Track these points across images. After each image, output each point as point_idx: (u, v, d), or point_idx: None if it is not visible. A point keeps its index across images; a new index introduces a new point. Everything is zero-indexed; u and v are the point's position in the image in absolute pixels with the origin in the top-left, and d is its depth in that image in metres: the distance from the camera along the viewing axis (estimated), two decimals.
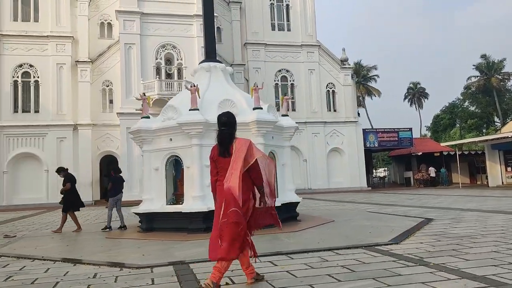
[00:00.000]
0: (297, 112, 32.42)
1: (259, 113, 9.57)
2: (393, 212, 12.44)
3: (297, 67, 32.66)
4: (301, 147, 31.92)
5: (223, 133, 4.45)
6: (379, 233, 7.96)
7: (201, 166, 9.26)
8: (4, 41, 26.81)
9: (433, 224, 9.25)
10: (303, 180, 31.71)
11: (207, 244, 4.70)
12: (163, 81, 25.14)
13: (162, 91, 24.69)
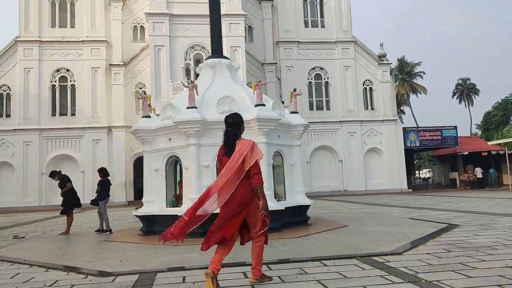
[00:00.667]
0: (331, 111, 31.38)
1: (261, 110, 8.96)
2: (421, 216, 11.42)
3: (332, 64, 31.58)
4: (336, 147, 30.82)
5: (228, 133, 4.60)
6: (386, 241, 7.14)
7: (199, 166, 8.81)
8: (43, 47, 27.83)
9: (455, 231, 8.25)
10: (339, 181, 30.61)
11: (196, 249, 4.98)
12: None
13: None
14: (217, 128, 8.93)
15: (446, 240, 7.11)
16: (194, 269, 5.60)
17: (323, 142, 30.87)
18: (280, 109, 9.88)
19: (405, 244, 6.73)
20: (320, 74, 31.70)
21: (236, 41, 26.38)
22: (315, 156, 30.71)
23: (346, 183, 30.51)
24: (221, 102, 9.05)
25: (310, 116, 30.72)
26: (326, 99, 31.68)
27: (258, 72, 30.71)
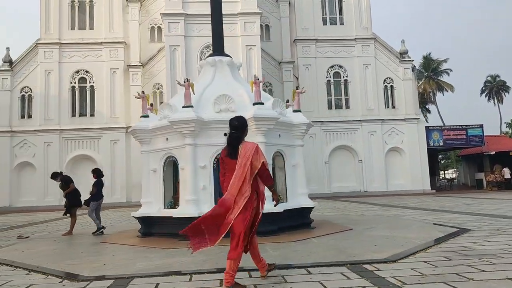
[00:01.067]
0: (351, 109, 30.70)
1: (258, 109, 8.65)
2: (435, 219, 10.87)
3: (351, 62, 30.89)
4: (355, 147, 30.13)
5: (232, 136, 4.67)
6: (385, 247, 6.71)
7: (195, 167, 8.56)
8: (63, 49, 28.32)
9: (465, 236, 7.72)
10: (358, 182, 29.91)
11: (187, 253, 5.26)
12: None
13: None
14: (214, 128, 8.72)
15: (451, 247, 6.63)
16: (171, 275, 5.34)
17: (342, 141, 30.24)
18: (281, 107, 9.54)
19: (404, 251, 6.29)
20: (339, 72, 31.08)
21: (252, 40, 26.10)
22: (334, 156, 30.12)
23: (366, 183, 29.78)
24: (217, 101, 8.79)
25: (329, 115, 30.26)
26: (345, 97, 31.02)
27: (275, 71, 30.39)
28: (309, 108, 29.94)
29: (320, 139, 29.85)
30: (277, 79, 30.37)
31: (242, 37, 25.98)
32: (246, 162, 4.43)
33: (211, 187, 8.64)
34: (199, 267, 5.77)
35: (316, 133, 29.83)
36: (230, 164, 4.56)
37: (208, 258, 6.38)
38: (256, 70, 25.90)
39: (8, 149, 27.26)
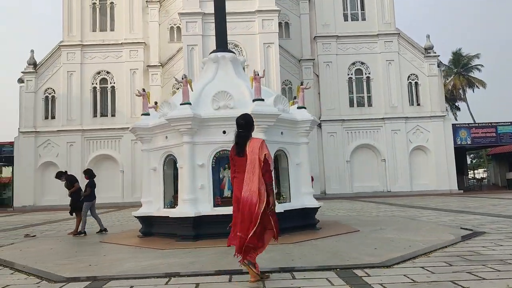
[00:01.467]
0: (373, 107, 29.93)
1: (258, 105, 8.33)
2: (452, 221, 10.31)
3: (374, 58, 30.10)
4: (378, 146, 29.33)
5: (239, 135, 4.79)
6: (385, 250, 6.29)
7: (193, 166, 8.33)
8: (85, 51, 28.83)
9: (477, 239, 7.19)
10: (381, 182, 29.11)
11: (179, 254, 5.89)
12: None
13: None
14: (212, 125, 8.48)
15: (457, 251, 6.14)
16: (151, 278, 5.11)
17: (364, 140, 29.51)
18: (284, 104, 9.20)
19: (403, 255, 5.86)
20: (361, 69, 30.33)
21: (269, 38, 25.77)
22: (355, 155, 29.44)
23: (390, 183, 28.96)
24: (216, 97, 8.53)
25: (351, 113, 29.60)
26: (368, 95, 30.26)
27: (295, 68, 29.97)
28: (330, 106, 29.47)
29: (341, 138, 29.23)
30: (297, 77, 29.91)
31: (260, 35, 25.69)
32: (255, 157, 4.58)
33: (210, 186, 8.40)
34: (183, 269, 5.52)
35: (337, 132, 29.28)
36: (240, 162, 4.72)
37: (198, 260, 6.14)
38: (274, 68, 25.59)
39: (32, 149, 27.95)
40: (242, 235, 4.54)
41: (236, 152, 4.78)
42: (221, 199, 8.63)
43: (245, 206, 4.54)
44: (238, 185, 4.71)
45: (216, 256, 6.41)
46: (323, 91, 29.73)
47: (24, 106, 28.37)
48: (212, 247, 7.24)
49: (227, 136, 8.46)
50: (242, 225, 4.55)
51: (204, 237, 8.13)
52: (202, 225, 8.22)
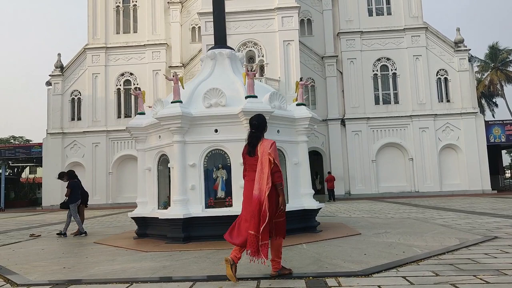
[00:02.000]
0: (400, 104, 28.84)
1: (249, 103, 8.00)
2: (468, 224, 9.67)
3: (400, 54, 29.01)
4: (405, 144, 28.24)
5: (252, 135, 4.93)
6: (374, 256, 5.82)
7: (184, 165, 8.09)
8: (109, 53, 29.34)
9: (482, 245, 6.58)
10: (409, 182, 28.00)
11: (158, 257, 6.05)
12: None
13: None
14: (204, 124, 8.23)
15: (453, 258, 5.59)
16: (110, 283, 4.88)
17: (391, 138, 28.49)
18: (280, 101, 8.81)
19: (389, 262, 5.38)
20: (386, 65, 29.32)
21: (289, 35, 25.27)
22: (382, 154, 28.48)
23: (418, 183, 27.81)
24: (207, 95, 8.25)
25: (376, 111, 28.70)
26: (394, 92, 29.20)
27: (318, 66, 29.33)
28: (354, 103, 28.67)
29: (366, 136, 28.35)
30: (320, 74, 29.28)
31: (280, 33, 25.25)
32: (265, 157, 4.70)
33: (201, 187, 8.14)
34: (149, 274, 5.27)
35: (362, 130, 28.43)
36: (250, 161, 4.86)
37: (172, 264, 5.88)
38: (294, 66, 25.10)
39: (60, 150, 28.71)
40: (254, 232, 4.60)
41: (248, 151, 4.91)
42: (214, 200, 8.37)
43: (256, 205, 4.64)
44: (248, 183, 4.84)
45: (193, 260, 6.13)
46: (347, 88, 28.95)
47: (51, 108, 29.19)
48: (198, 250, 6.98)
49: (219, 135, 8.21)
50: (253, 223, 4.62)
51: (194, 239, 7.90)
52: (192, 227, 7.97)
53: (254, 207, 4.65)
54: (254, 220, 4.62)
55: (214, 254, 6.49)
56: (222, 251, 6.70)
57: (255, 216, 4.62)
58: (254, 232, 4.59)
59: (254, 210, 4.65)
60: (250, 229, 4.62)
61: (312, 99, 29.32)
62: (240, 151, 8.09)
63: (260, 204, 4.63)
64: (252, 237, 4.59)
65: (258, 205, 4.63)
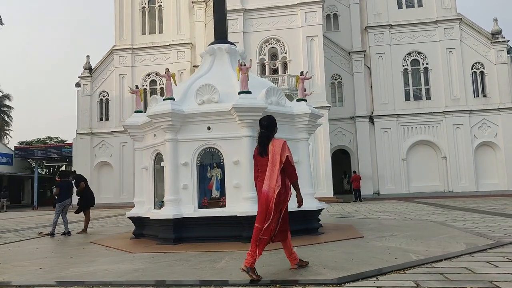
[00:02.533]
0: (432, 100, 27.55)
1: (241, 98, 7.64)
2: (488, 228, 8.90)
3: (432, 47, 27.70)
4: (438, 142, 26.95)
5: (262, 135, 4.99)
6: (360, 263, 5.34)
7: (176, 164, 7.86)
8: (135, 54, 29.76)
9: (489, 252, 5.95)
10: (442, 181, 26.71)
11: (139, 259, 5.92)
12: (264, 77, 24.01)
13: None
14: (196, 121, 7.96)
15: (447, 266, 5.02)
16: (71, 287, 4.68)
17: (422, 136, 27.28)
18: (278, 96, 8.40)
19: (372, 270, 4.90)
20: (417, 59, 28.09)
21: (313, 31, 24.62)
22: (413, 153, 27.33)
23: (451, 183, 26.48)
24: (200, 91, 7.97)
25: (406, 108, 27.58)
26: (426, 87, 27.94)
27: (345, 61, 28.51)
28: (384, 100, 27.68)
29: (396, 134, 27.28)
30: (347, 70, 28.44)
31: (303, 28, 24.67)
32: (276, 157, 4.75)
33: (194, 186, 7.87)
34: (116, 278, 5.04)
35: (391, 128, 27.38)
36: (262, 162, 4.88)
37: (147, 267, 5.64)
38: (318, 62, 24.45)
39: (89, 149, 29.41)
40: (259, 225, 4.70)
41: (259, 152, 4.94)
42: (208, 200, 8.08)
43: (263, 200, 4.72)
44: (261, 184, 4.85)
45: (172, 263, 5.88)
46: (375, 84, 27.97)
47: (81, 109, 29.95)
48: (183, 252, 6.72)
49: (212, 133, 7.91)
50: (260, 217, 4.72)
51: (186, 240, 7.64)
52: (184, 228, 7.72)
53: (262, 202, 4.74)
54: (261, 215, 4.72)
55: (197, 257, 6.20)
56: (206, 254, 6.42)
57: (262, 211, 4.71)
58: (258, 225, 4.70)
59: (261, 204, 4.74)
60: (256, 222, 4.74)
61: (339, 96, 28.56)
62: (233, 149, 7.84)
63: (267, 200, 4.69)
64: (256, 229, 4.70)
65: (265, 201, 4.70)
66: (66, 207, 10.40)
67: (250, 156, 7.61)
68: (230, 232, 7.53)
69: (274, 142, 4.88)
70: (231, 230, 7.54)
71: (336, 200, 23.31)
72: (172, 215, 7.48)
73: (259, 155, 4.95)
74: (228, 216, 7.51)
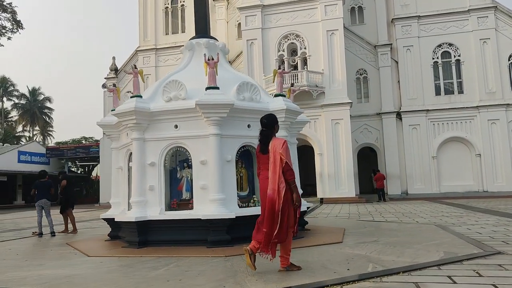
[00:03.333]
0: (465, 94, 25.90)
1: (206, 94, 7.24)
2: (489, 233, 8.04)
3: (464, 38, 26.03)
4: (472, 139, 25.29)
5: (263, 133, 5.02)
6: (297, 275, 4.78)
7: (142, 165, 7.57)
8: (159, 54, 30.01)
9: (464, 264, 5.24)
10: (476, 180, 25.05)
11: (87, 264, 5.75)
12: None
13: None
14: (163, 120, 7.63)
15: (395, 282, 4.39)
16: None
17: (454, 132, 25.70)
18: (252, 92, 7.91)
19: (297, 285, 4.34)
20: (448, 51, 26.49)
21: (333, 24, 23.73)
22: (444, 150, 25.82)
23: (486, 182, 24.79)
24: (167, 88, 7.63)
25: (437, 102, 26.12)
26: (458, 80, 26.31)
27: (371, 56, 27.35)
28: (412, 95, 26.34)
29: (425, 131, 25.87)
30: (373, 65, 27.28)
31: (323, 22, 23.84)
32: (276, 156, 4.77)
33: (161, 187, 7.55)
34: (36, 285, 4.78)
35: (420, 124, 26.00)
36: (263, 159, 4.94)
37: (82, 273, 5.38)
38: (338, 57, 23.56)
39: None
40: (267, 230, 4.71)
41: (260, 149, 5.00)
42: (178, 202, 7.74)
43: (269, 204, 4.73)
44: (263, 182, 4.91)
45: (113, 269, 5.58)
46: (403, 78, 26.65)
47: (107, 110, 30.52)
48: (138, 257, 6.43)
49: (179, 131, 7.57)
50: (267, 222, 4.72)
51: (152, 244, 7.34)
52: (150, 231, 7.42)
53: (268, 206, 4.74)
54: (268, 219, 4.72)
55: (144, 263, 5.86)
56: (158, 259, 6.08)
57: (268, 215, 4.71)
58: (266, 230, 4.71)
59: (267, 209, 4.73)
60: (264, 227, 4.75)
61: (364, 91, 27.46)
62: (200, 148, 7.44)
63: (273, 203, 4.70)
64: (265, 234, 4.71)
65: (271, 205, 4.71)
66: (46, 207, 10.32)
67: (218, 155, 7.22)
68: (197, 236, 7.16)
69: (274, 141, 4.89)
70: (197, 233, 7.17)
71: (358, 200, 22.38)
72: (134, 217, 7.19)
73: (260, 152, 5.01)
74: (194, 220, 7.13)
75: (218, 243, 6.92)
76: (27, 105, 53.59)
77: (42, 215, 10.25)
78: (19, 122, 54.49)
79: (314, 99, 23.28)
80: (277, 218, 4.68)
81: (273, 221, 4.69)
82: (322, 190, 23.17)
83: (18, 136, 53.76)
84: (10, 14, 24.09)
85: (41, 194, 10.27)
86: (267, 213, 4.73)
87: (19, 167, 35.85)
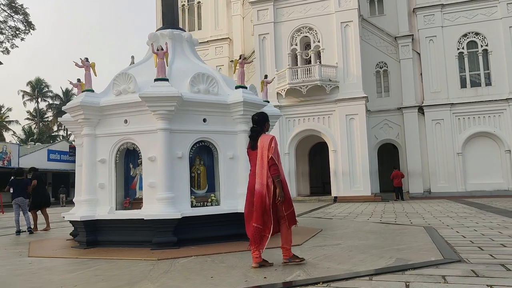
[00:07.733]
0: (493, 86, 24.21)
1: (153, 87, 6.82)
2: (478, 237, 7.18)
3: (492, 26, 24.32)
4: (501, 134, 23.62)
5: (253, 129, 5.13)
6: (201, 285, 4.28)
7: (92, 161, 7.27)
8: None
9: (398, 275, 4.55)
10: (506, 178, 23.38)
11: (21, 265, 5.47)
12: (294, 68, 22.64)
13: (293, 80, 22.33)
14: (114, 114, 7.29)
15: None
16: None
17: (481, 127, 24.11)
18: (209, 84, 7.41)
19: None
20: (475, 41, 24.84)
21: (347, 16, 22.75)
22: (470, 146, 24.29)
23: None
24: (116, 81, 7.28)
25: (462, 95, 24.62)
26: (485, 72, 24.63)
27: (391, 48, 26.12)
28: (435, 88, 24.95)
29: (449, 126, 24.40)
30: (393, 57, 26.03)
31: (337, 14, 22.90)
32: (264, 152, 4.85)
33: (111, 185, 7.21)
34: None
35: (444, 118, 24.58)
36: (253, 155, 5.05)
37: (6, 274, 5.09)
38: (353, 49, 22.57)
39: None
40: (258, 225, 4.76)
41: (250, 145, 5.10)
42: (131, 201, 7.39)
43: (258, 198, 4.78)
44: (251, 177, 4.97)
45: (37, 270, 5.27)
46: (425, 71, 25.26)
47: None
48: (73, 258, 6.12)
49: (128, 126, 7.21)
50: (257, 216, 4.76)
51: (101, 244, 7.03)
52: (99, 231, 7.11)
53: (256, 200, 4.77)
54: (257, 213, 4.76)
55: (71, 265, 5.58)
56: (92, 261, 5.72)
57: (257, 210, 4.76)
58: (257, 224, 4.76)
59: (256, 203, 4.77)
60: (254, 222, 4.78)
61: (385, 85, 26.26)
62: (149, 144, 7.04)
63: (262, 197, 4.75)
64: (256, 229, 4.76)
65: (260, 199, 4.75)
66: (23, 205, 10.28)
67: (166, 151, 6.81)
68: (144, 237, 6.78)
69: (263, 137, 4.96)
70: (145, 234, 6.79)
71: (374, 198, 21.36)
72: (80, 217, 6.90)
73: (250, 148, 5.11)
74: (140, 220, 6.74)
75: (163, 245, 6.51)
76: (61, 105, 55.39)
77: (19, 213, 10.21)
78: (53, 122, 56.44)
79: (327, 94, 22.43)
80: (269, 212, 4.74)
81: (266, 215, 4.75)
82: (336, 188, 22.29)
83: (54, 136, 55.71)
84: (22, 16, 24.78)
85: (17, 192, 10.24)
86: (257, 208, 4.76)
87: (48, 165, 36.99)
